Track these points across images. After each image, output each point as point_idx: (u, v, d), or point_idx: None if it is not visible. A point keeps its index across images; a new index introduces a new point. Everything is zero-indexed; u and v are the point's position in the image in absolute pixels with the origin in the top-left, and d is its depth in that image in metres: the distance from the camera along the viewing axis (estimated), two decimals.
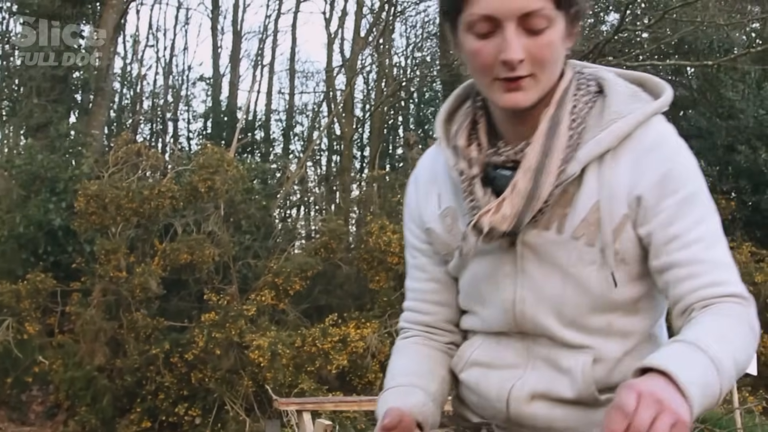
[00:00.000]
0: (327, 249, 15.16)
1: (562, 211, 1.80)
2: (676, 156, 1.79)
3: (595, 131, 1.79)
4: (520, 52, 1.69)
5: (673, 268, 1.76)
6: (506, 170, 1.81)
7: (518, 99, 1.75)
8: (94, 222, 13.68)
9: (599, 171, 1.78)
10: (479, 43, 1.73)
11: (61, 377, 13.30)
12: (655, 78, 1.92)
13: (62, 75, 16.05)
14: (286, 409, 9.59)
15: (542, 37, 1.71)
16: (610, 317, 1.85)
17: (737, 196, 18.71)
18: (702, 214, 1.78)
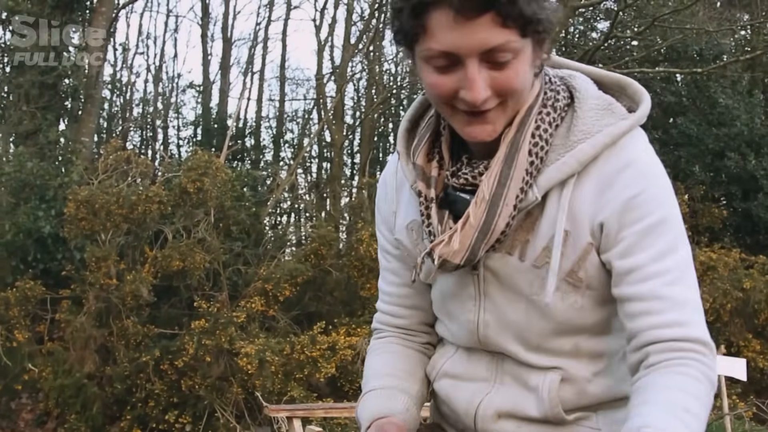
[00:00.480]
0: (317, 255, 15.16)
1: (524, 236, 1.74)
2: (642, 181, 1.69)
3: (559, 152, 1.70)
4: (484, 90, 1.58)
5: (630, 301, 1.70)
6: (465, 193, 1.73)
7: (484, 132, 1.65)
8: (84, 228, 13.64)
9: (561, 196, 1.69)
10: (438, 77, 1.62)
11: (51, 385, 13.25)
12: (636, 84, 1.83)
13: (52, 82, 16.02)
14: (277, 416, 9.58)
15: (508, 70, 1.59)
16: (577, 339, 1.82)
17: (727, 202, 18.78)
18: (667, 245, 1.68)
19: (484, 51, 1.55)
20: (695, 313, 1.69)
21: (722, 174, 18.64)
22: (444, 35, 1.55)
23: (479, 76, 1.56)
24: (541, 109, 1.71)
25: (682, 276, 1.69)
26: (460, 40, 1.54)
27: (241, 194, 16.21)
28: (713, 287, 14.68)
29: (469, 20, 1.52)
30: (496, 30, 1.53)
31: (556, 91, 1.75)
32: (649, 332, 1.67)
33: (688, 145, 18.69)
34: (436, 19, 1.54)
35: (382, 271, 2.07)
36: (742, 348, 14.76)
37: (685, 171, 18.40)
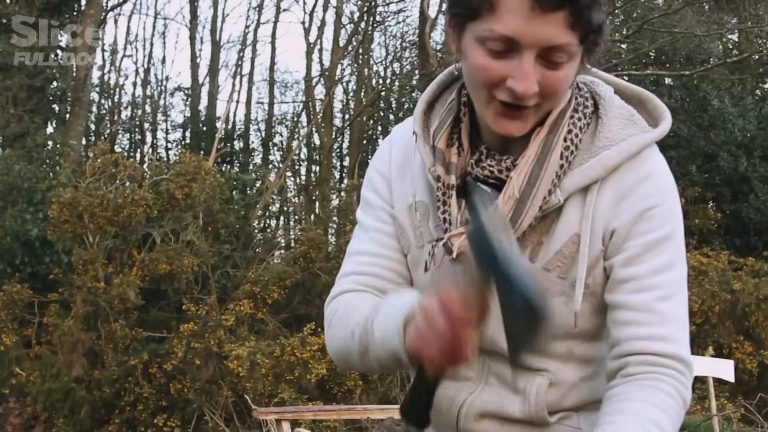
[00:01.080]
0: (306, 258, 15.15)
1: (538, 238, 1.72)
2: (658, 195, 1.70)
3: (583, 157, 1.69)
4: (534, 86, 1.55)
5: (622, 309, 1.70)
6: (487, 186, 1.70)
7: (514, 128, 1.63)
8: (67, 231, 13.60)
9: (582, 202, 1.69)
10: (489, 60, 1.57)
11: (39, 389, 13.21)
12: (657, 100, 1.80)
13: (39, 85, 15.99)
14: (265, 418, 9.56)
15: (560, 71, 1.57)
16: (570, 344, 1.81)
17: (717, 204, 18.84)
18: (668, 261, 1.71)
19: (547, 47, 1.53)
20: (681, 331, 1.70)
21: (714, 176, 18.69)
22: (513, 20, 1.51)
23: (532, 70, 1.54)
24: (573, 114, 1.70)
25: (676, 293, 1.71)
26: (528, 30, 1.51)
27: (229, 197, 16.19)
28: (702, 289, 14.72)
29: (543, 13, 1.49)
30: (564, 30, 1.52)
31: (585, 97, 1.74)
32: (633, 342, 1.68)
33: (678, 147, 18.74)
34: (510, 2, 1.52)
35: (370, 232, 1.90)
36: (733, 350, 14.79)
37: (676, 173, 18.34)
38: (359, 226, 1.93)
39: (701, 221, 17.92)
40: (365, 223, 1.92)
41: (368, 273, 1.87)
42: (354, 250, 1.92)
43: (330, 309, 1.89)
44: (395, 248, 1.88)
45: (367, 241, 1.90)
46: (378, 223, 1.89)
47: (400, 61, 24.60)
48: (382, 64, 25.48)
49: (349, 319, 1.80)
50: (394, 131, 1.97)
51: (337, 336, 1.85)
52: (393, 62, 24.64)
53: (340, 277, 1.92)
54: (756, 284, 14.99)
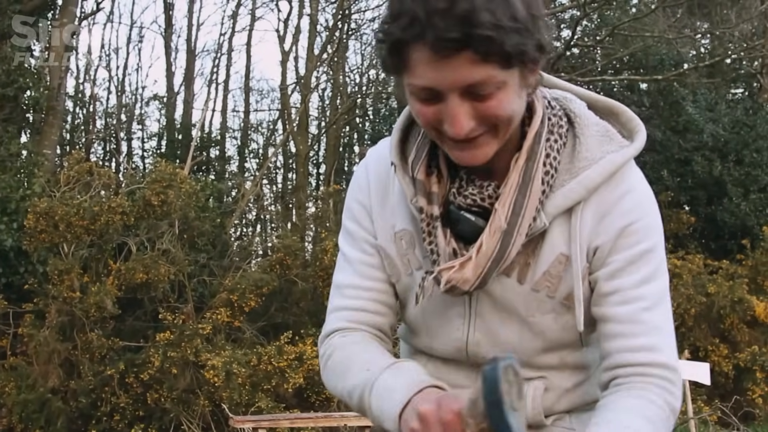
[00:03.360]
0: (282, 266, 15.12)
1: (524, 260, 1.74)
2: (639, 210, 1.72)
3: (564, 178, 1.70)
4: (467, 123, 1.55)
5: (609, 321, 1.74)
6: (471, 214, 1.71)
7: (474, 158, 1.62)
8: (44, 240, 13.50)
9: (566, 222, 1.71)
10: (422, 107, 1.58)
11: (14, 400, 13.09)
12: (630, 112, 1.82)
13: (13, 94, 15.87)
14: (242, 427, 9.55)
15: (491, 100, 1.55)
16: (562, 354, 1.85)
17: (692, 208, 18.96)
18: (650, 272, 1.73)
19: (464, 87, 1.52)
20: (667, 339, 1.74)
21: (687, 179, 18.82)
22: (424, 72, 1.52)
23: (460, 110, 1.54)
24: (549, 136, 1.71)
25: (659, 303, 1.74)
26: (439, 77, 1.51)
27: (205, 205, 16.14)
28: (677, 293, 14.80)
29: (446, 58, 1.48)
30: (476, 67, 1.49)
31: (558, 116, 1.75)
32: (621, 354, 1.72)
33: (652, 151, 18.85)
34: (415, 55, 1.51)
35: (353, 264, 1.92)
36: (709, 352, 14.88)
37: (651, 177, 18.46)
38: (343, 257, 1.94)
39: (675, 225, 18.03)
40: (349, 254, 1.93)
41: (356, 308, 1.89)
42: (340, 283, 1.93)
43: (324, 349, 1.92)
44: (381, 279, 1.90)
45: (353, 273, 1.91)
46: (362, 255, 1.91)
47: (376, 68, 24.64)
48: (358, 72, 25.54)
49: (344, 378, 1.84)
50: (370, 155, 1.97)
51: (335, 386, 1.89)
52: (369, 69, 24.68)
53: (330, 312, 1.93)
54: (730, 287, 15.09)
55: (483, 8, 1.45)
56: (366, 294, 1.90)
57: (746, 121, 18.81)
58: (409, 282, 1.85)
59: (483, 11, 1.44)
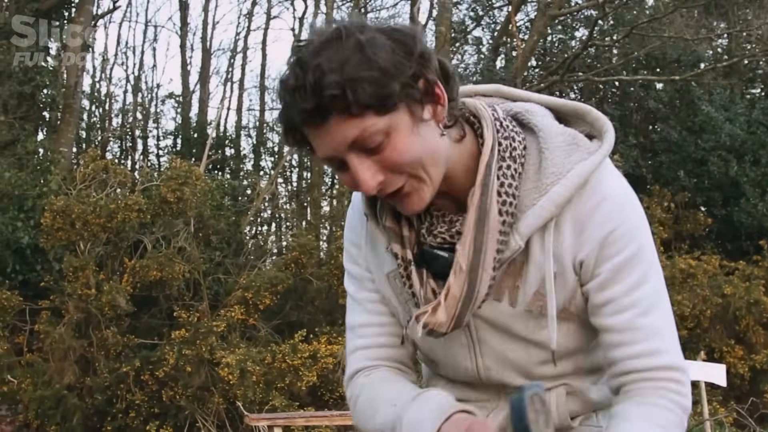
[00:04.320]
0: (297, 264, 15.13)
1: (512, 282, 1.74)
2: (616, 216, 1.70)
3: (533, 196, 1.68)
4: (372, 179, 1.57)
5: (606, 332, 1.74)
6: (443, 250, 1.71)
7: (412, 206, 1.64)
8: (61, 238, 13.56)
9: (544, 239, 1.70)
10: (341, 174, 1.62)
11: (31, 396, 13.15)
12: (596, 112, 1.80)
13: (30, 92, 15.95)
14: (257, 425, 9.56)
15: (385, 149, 1.55)
16: (575, 359, 1.86)
17: (708, 209, 18.87)
18: (640, 277, 1.72)
19: (349, 146, 1.54)
20: (668, 341, 1.74)
21: (703, 180, 18.73)
22: (316, 146, 1.58)
23: (361, 168, 1.56)
24: (501, 163, 1.68)
25: (655, 305, 1.73)
26: (326, 146, 1.56)
27: (221, 204, 16.17)
28: (693, 294, 14.75)
29: (320, 127, 1.53)
30: (347, 125, 1.52)
31: (510, 138, 1.72)
32: (625, 362, 1.73)
33: (668, 152, 18.77)
34: (307, 134, 1.58)
35: (362, 303, 1.95)
36: (725, 354, 14.81)
37: (667, 177, 18.47)
38: (350, 298, 1.97)
39: (692, 226, 17.95)
40: (355, 295, 1.96)
41: (374, 345, 1.93)
42: (353, 324, 1.96)
43: (351, 391, 1.95)
44: (389, 313, 1.92)
45: (362, 312, 1.94)
46: (367, 293, 1.94)
47: None
48: None
49: (373, 412, 1.86)
50: (355, 199, 1.98)
51: (365, 427, 1.90)
52: None
53: (350, 353, 1.96)
54: (747, 288, 15.01)
55: (331, 71, 1.49)
56: (380, 330, 1.93)
57: (763, 121, 18.68)
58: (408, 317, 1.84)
59: (330, 74, 1.48)
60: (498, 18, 22.76)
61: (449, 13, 18.54)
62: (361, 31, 1.53)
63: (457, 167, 1.68)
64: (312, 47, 1.54)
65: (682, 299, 14.49)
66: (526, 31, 21.07)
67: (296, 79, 1.52)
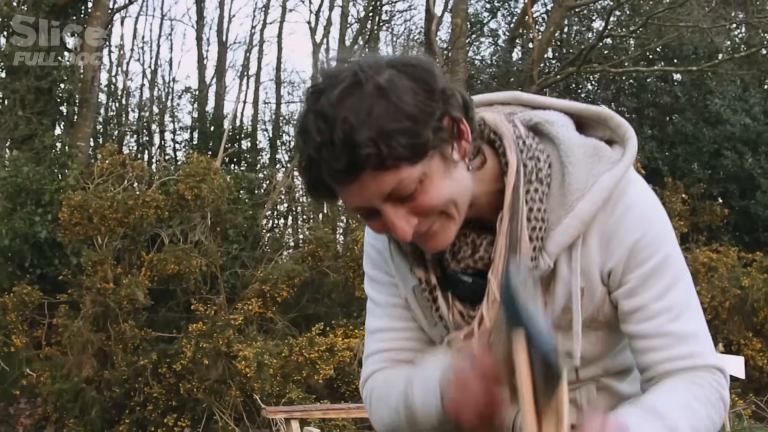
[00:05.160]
0: (314, 257, 15.16)
1: (540, 298, 1.66)
2: (642, 225, 1.68)
3: (559, 213, 1.66)
4: (408, 226, 1.53)
5: (638, 339, 1.73)
6: (467, 275, 1.70)
7: (438, 244, 1.61)
8: (79, 233, 13.62)
9: (571, 258, 1.68)
10: (369, 222, 1.58)
11: (49, 389, 13.23)
12: (618, 117, 1.75)
13: (47, 87, 15.99)
14: (274, 417, 9.59)
15: (420, 195, 1.51)
16: (603, 362, 1.86)
17: (725, 200, 18.79)
18: (670, 281, 1.71)
19: (384, 198, 1.50)
20: (701, 343, 1.72)
21: (719, 172, 18.64)
22: (346, 198, 1.52)
23: (396, 216, 1.52)
24: (528, 186, 1.65)
25: (685, 308, 1.72)
26: (358, 199, 1.51)
27: (237, 197, 16.19)
28: (711, 285, 14.69)
29: (352, 183, 1.47)
30: (381, 178, 1.47)
31: (536, 158, 1.68)
32: (658, 367, 1.72)
33: (684, 143, 18.69)
34: (335, 188, 1.52)
35: (384, 308, 1.91)
36: (742, 346, 14.75)
37: (683, 169, 18.40)
38: (371, 302, 1.94)
39: (708, 217, 17.88)
40: (376, 299, 1.92)
41: (392, 349, 1.89)
42: (373, 328, 1.93)
43: (366, 390, 1.91)
44: (411, 318, 1.88)
45: (384, 317, 1.90)
46: (389, 298, 1.89)
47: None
48: None
49: (389, 397, 1.81)
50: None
51: (383, 414, 1.87)
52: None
53: (366, 357, 1.93)
54: (765, 280, 14.94)
55: (361, 125, 1.43)
56: (400, 335, 1.90)
57: None
58: (435, 333, 1.84)
59: (361, 128, 1.43)
60: (514, 9, 22.65)
61: (465, 4, 18.50)
62: (378, 72, 1.47)
63: (480, 192, 1.64)
64: (332, 97, 1.46)
65: (700, 290, 14.44)
66: (542, 22, 20.99)
67: (321, 134, 1.44)
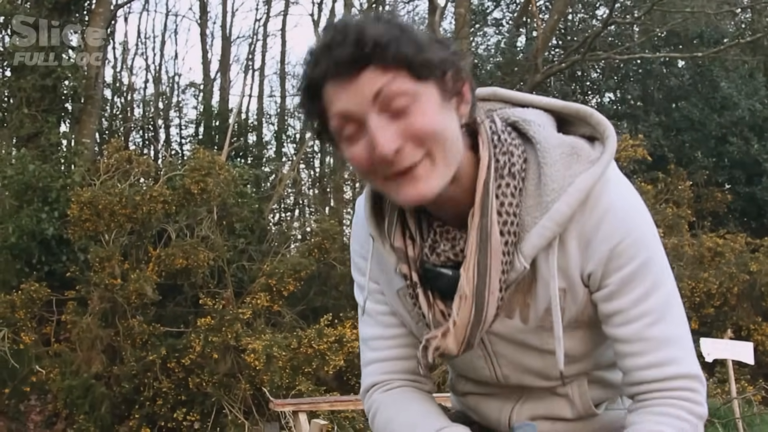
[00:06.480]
0: (321, 250, 15.16)
1: (522, 299, 1.72)
2: (622, 228, 1.65)
3: (534, 214, 1.64)
4: (391, 141, 1.49)
5: (617, 342, 1.72)
6: (447, 268, 1.68)
7: (417, 192, 1.54)
8: (88, 229, 13.65)
9: (550, 256, 1.66)
10: (353, 148, 1.54)
11: (59, 386, 13.26)
12: (598, 115, 1.72)
13: (52, 85, 16.00)
14: (282, 410, 9.58)
15: (411, 114, 1.50)
16: (594, 356, 1.86)
17: (731, 187, 18.78)
18: (649, 287, 1.68)
19: (374, 98, 1.49)
20: (680, 349, 1.71)
21: (725, 158, 18.62)
22: (338, 100, 1.51)
23: (382, 128, 1.50)
24: (500, 181, 1.64)
25: (665, 313, 1.70)
26: (349, 98, 1.50)
27: (244, 191, 16.20)
28: (720, 271, 14.67)
29: (351, 79, 1.49)
30: (378, 77, 1.49)
31: (509, 153, 1.67)
32: (636, 373, 1.71)
33: (690, 130, 18.65)
34: (328, 93, 1.52)
35: (375, 316, 1.92)
36: (752, 332, 14.74)
37: (689, 156, 18.38)
38: (362, 310, 1.95)
39: (713, 204, 17.87)
40: (367, 307, 1.92)
41: (387, 358, 1.92)
42: (366, 336, 1.96)
43: (368, 405, 1.96)
44: (401, 324, 1.91)
45: (375, 325, 1.93)
46: (378, 305, 1.92)
47: None
48: None
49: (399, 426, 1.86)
50: (358, 207, 1.93)
51: None
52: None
53: (364, 366, 1.97)
54: None
55: (373, 29, 1.48)
56: (393, 342, 1.92)
57: None
58: (422, 333, 1.82)
59: (373, 30, 1.48)
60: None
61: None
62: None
63: (457, 189, 1.63)
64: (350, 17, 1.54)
65: (708, 277, 14.44)
66: (546, 10, 20.95)
67: (335, 33, 1.50)
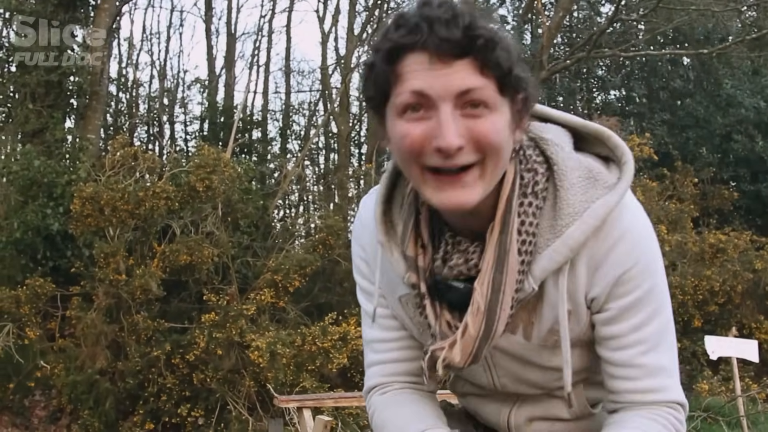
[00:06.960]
0: (325, 246, 15.16)
1: (527, 317, 1.73)
2: (632, 255, 1.65)
3: (548, 237, 1.64)
4: (457, 136, 1.47)
5: (609, 365, 1.74)
6: (458, 282, 1.67)
7: (459, 199, 1.53)
8: (90, 224, 13.66)
9: (558, 283, 1.66)
10: (409, 126, 1.51)
11: (63, 381, 13.29)
12: (616, 138, 1.72)
13: (57, 80, 16.01)
14: (287, 406, 9.58)
15: (484, 120, 1.49)
16: (590, 369, 1.87)
17: (736, 184, 18.74)
18: (649, 314, 1.69)
19: (459, 93, 1.47)
20: (668, 377, 1.73)
21: (730, 156, 18.59)
22: (418, 77, 1.48)
23: (451, 119, 1.48)
24: (522, 200, 1.64)
25: (660, 342, 1.72)
26: (435, 81, 1.47)
27: (248, 188, 16.20)
28: (723, 269, 14.64)
29: (446, 63, 1.47)
30: (474, 75, 1.48)
31: (533, 170, 1.67)
32: (624, 395, 1.74)
33: (695, 127, 18.62)
34: (410, 63, 1.49)
35: (377, 319, 1.91)
36: (755, 330, 14.72)
37: (694, 153, 18.35)
38: (364, 313, 1.97)
39: (718, 201, 17.84)
40: (368, 310, 1.93)
41: (388, 360, 1.94)
42: (369, 339, 1.97)
43: (368, 406, 1.99)
44: (401, 327, 1.93)
45: (377, 327, 1.94)
46: (380, 309, 1.91)
47: None
48: None
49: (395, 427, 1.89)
50: (362, 209, 1.92)
51: None
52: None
53: (367, 367, 1.99)
54: None
55: (484, 24, 1.48)
56: (394, 345, 1.94)
57: None
58: (425, 339, 1.82)
59: (483, 23, 1.47)
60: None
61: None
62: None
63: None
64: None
65: (711, 274, 14.40)
66: (551, 7, 20.92)
67: (443, 11, 1.47)
